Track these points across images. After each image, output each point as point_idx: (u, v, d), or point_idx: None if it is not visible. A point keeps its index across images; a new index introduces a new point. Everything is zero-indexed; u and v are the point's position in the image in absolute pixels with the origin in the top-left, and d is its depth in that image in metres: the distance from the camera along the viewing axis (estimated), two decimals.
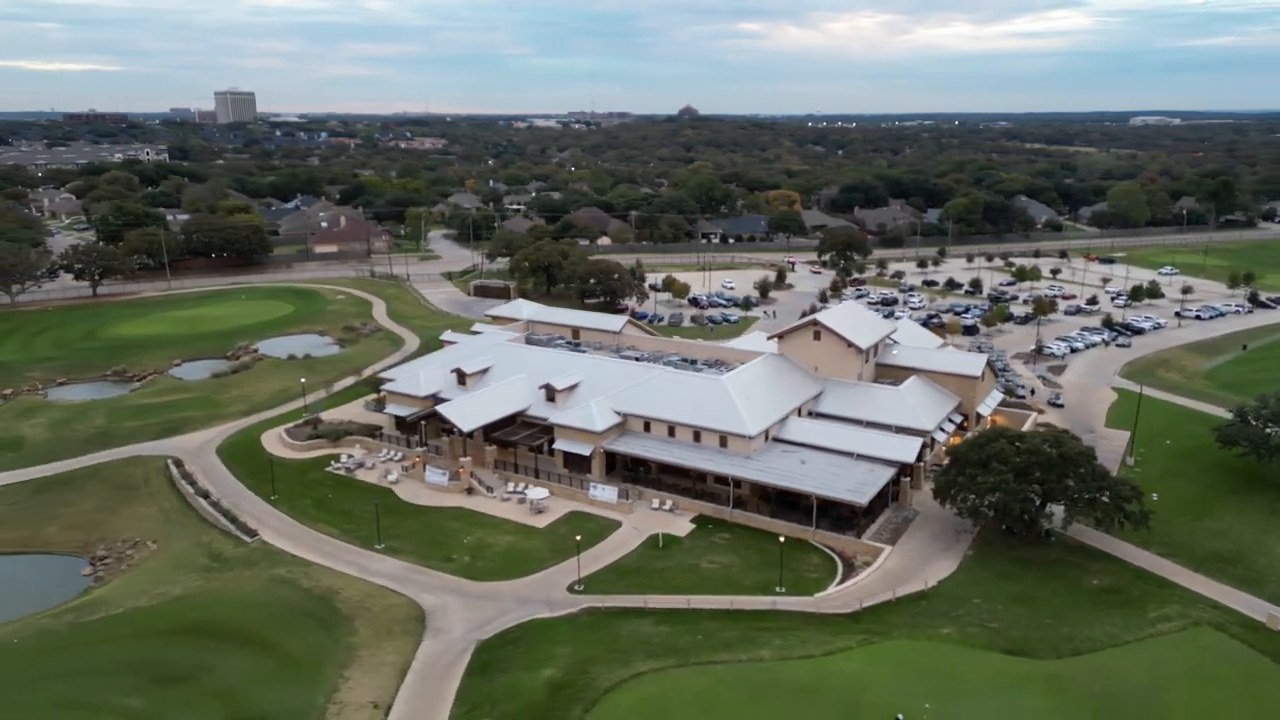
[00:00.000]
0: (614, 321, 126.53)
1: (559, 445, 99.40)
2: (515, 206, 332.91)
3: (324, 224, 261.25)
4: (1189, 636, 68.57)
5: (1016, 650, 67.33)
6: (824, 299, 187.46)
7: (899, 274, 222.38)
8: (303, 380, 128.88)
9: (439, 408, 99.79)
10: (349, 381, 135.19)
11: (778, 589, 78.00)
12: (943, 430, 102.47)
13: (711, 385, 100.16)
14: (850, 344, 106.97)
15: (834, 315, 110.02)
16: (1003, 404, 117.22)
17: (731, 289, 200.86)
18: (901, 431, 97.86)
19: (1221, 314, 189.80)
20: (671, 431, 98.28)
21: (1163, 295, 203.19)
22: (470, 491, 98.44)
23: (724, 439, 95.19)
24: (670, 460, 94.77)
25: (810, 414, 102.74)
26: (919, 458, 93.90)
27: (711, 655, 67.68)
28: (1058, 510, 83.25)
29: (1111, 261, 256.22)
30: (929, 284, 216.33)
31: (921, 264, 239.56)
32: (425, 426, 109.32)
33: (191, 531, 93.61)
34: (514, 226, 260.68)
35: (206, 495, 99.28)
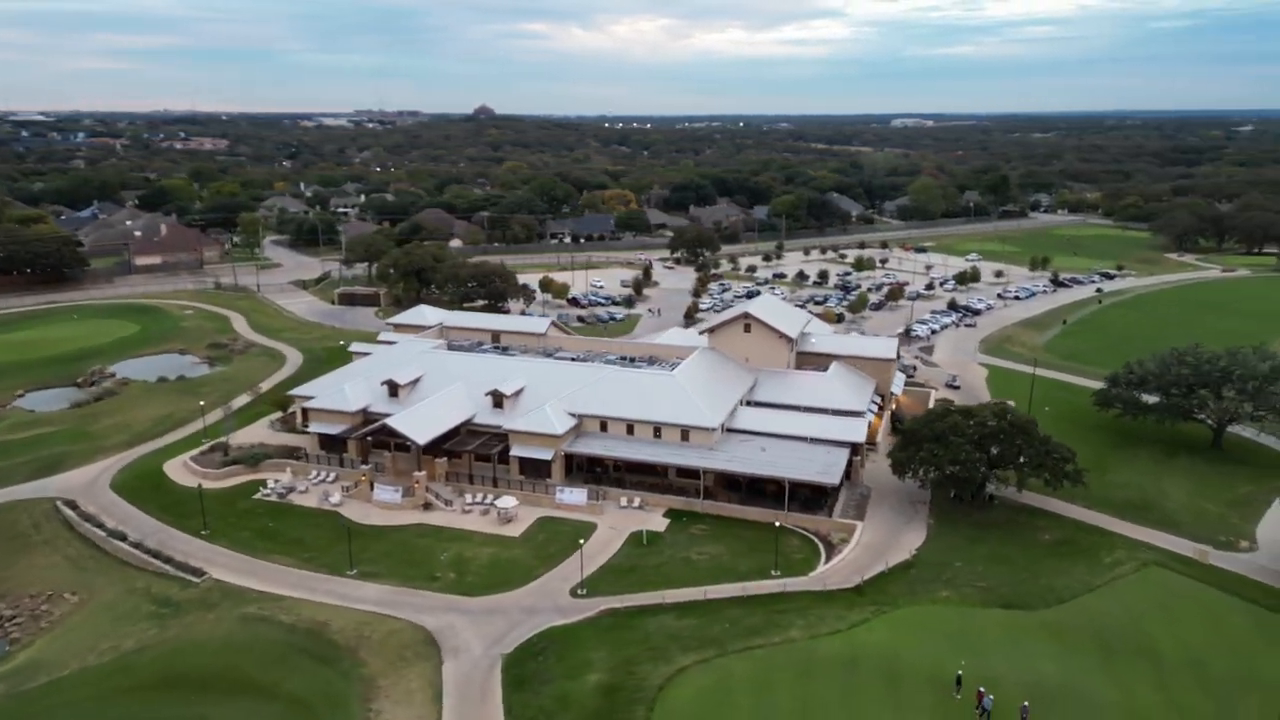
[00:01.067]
0: (538, 324, 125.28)
1: (516, 451, 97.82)
2: (343, 209, 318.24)
3: (137, 233, 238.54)
4: (1144, 576, 78.17)
5: (1011, 604, 74.17)
6: (697, 294, 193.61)
7: (752, 268, 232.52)
8: (201, 403, 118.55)
9: (389, 421, 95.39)
10: (242, 402, 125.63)
11: (773, 572, 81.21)
12: (869, 411, 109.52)
13: (665, 381, 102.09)
14: (781, 334, 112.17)
15: (762, 307, 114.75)
16: (906, 384, 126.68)
17: (601, 287, 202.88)
18: (837, 414, 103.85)
19: (1033, 294, 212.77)
20: (630, 429, 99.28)
21: (980, 279, 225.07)
22: (427, 506, 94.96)
23: (685, 433, 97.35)
24: (639, 458, 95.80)
25: (749, 403, 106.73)
26: None
27: (746, 641, 69.80)
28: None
29: (924, 250, 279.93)
30: (778, 277, 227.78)
31: (766, 258, 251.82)
32: (356, 444, 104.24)
33: (117, 578, 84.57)
34: (354, 230, 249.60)
35: (123, 537, 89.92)
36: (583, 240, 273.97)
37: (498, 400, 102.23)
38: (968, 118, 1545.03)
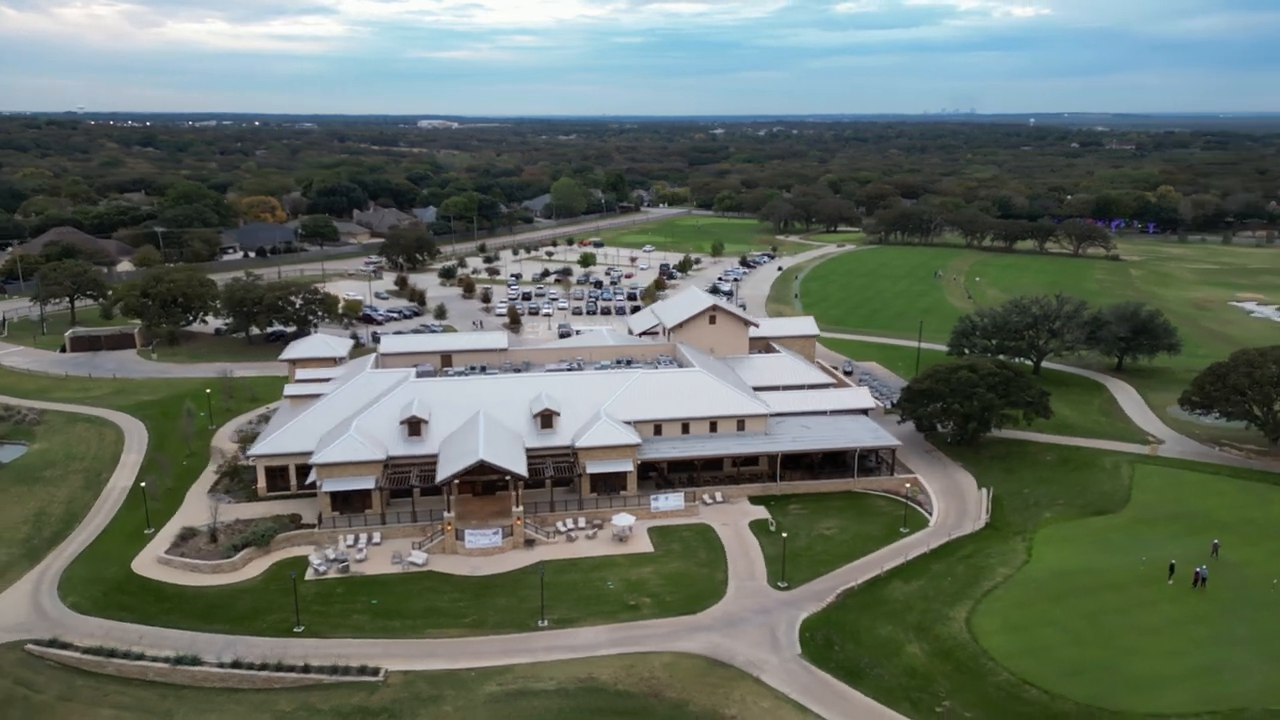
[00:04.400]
0: (497, 339, 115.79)
1: (593, 468, 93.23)
2: None
3: None
4: (1142, 473, 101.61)
5: (1098, 511, 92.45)
6: (486, 299, 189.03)
7: (493, 271, 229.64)
8: (143, 485, 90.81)
9: (484, 458, 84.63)
10: (125, 480, 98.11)
11: (902, 529, 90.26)
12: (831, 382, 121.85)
13: (695, 378, 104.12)
14: (746, 322, 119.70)
15: (723, 301, 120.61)
16: None
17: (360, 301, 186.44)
18: (812, 389, 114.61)
19: (741, 275, 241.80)
20: (685, 428, 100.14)
21: (690, 266, 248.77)
22: (530, 543, 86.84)
23: (741, 422, 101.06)
24: (718, 453, 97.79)
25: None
26: None
27: (979, 586, 78.39)
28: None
29: (601, 245, 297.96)
30: (516, 277, 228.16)
31: (489, 259, 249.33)
32: (382, 495, 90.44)
33: (236, 711, 65.98)
34: None
35: (195, 661, 69.47)
36: (269, 253, 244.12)
37: (547, 420, 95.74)
38: (487, 120, 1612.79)
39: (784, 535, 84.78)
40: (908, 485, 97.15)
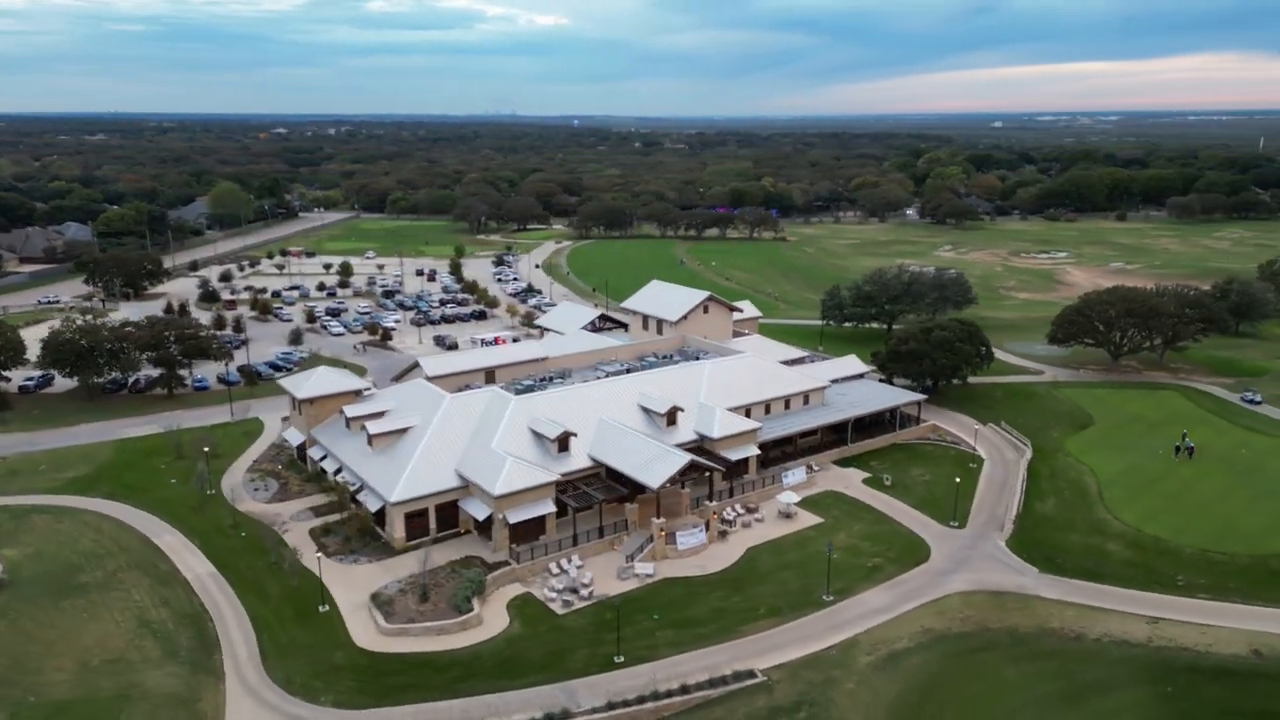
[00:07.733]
0: (535, 349, 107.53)
1: (732, 456, 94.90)
2: None
3: None
4: (1070, 394, 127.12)
5: (1081, 426, 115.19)
6: (312, 318, 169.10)
7: (254, 289, 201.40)
8: (317, 555, 71.43)
9: (696, 459, 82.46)
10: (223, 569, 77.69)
11: (970, 465, 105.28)
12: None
13: (754, 363, 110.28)
14: (732, 309, 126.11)
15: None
16: None
17: None
18: (795, 362, 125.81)
19: (516, 275, 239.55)
20: (768, 409, 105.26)
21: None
22: (724, 535, 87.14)
23: (806, 398, 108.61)
24: (808, 428, 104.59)
25: None
26: None
27: (1087, 495, 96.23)
28: None
29: (314, 255, 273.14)
30: (296, 289, 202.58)
31: (224, 277, 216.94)
32: (551, 519, 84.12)
33: None
34: None
35: (567, 715, 62.94)
36: None
37: (672, 418, 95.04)
38: None
39: (957, 480, 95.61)
40: (976, 430, 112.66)
